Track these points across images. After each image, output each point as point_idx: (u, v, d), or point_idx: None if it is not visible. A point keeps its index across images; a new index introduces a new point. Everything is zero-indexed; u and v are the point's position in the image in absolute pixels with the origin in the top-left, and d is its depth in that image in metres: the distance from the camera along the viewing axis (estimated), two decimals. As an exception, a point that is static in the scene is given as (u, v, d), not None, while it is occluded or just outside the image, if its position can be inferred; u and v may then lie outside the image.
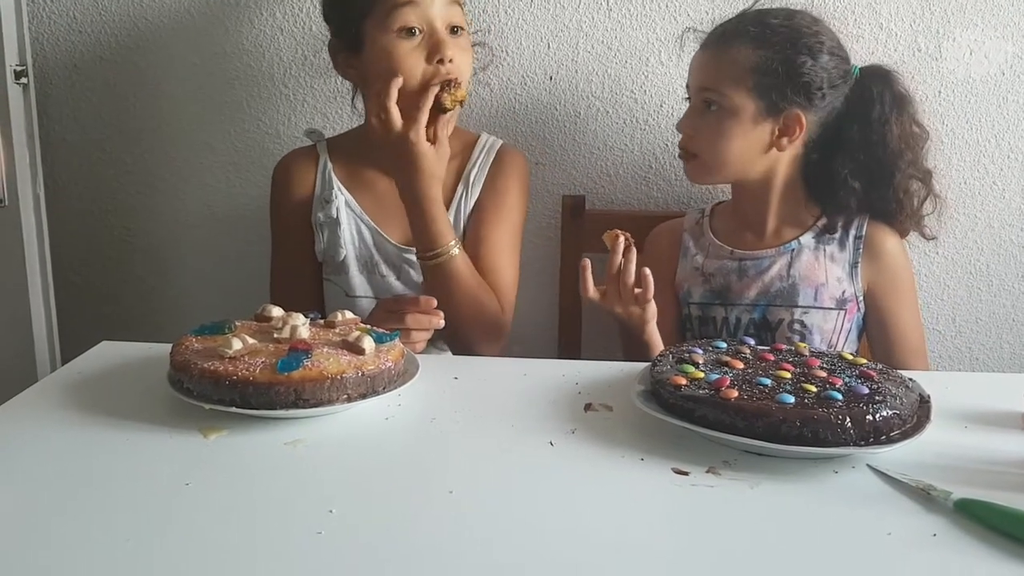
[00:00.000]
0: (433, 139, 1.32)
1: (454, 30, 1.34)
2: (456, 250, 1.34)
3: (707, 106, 1.39)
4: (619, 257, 1.27)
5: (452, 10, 1.34)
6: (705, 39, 1.43)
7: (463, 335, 1.39)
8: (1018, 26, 1.59)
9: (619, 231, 1.28)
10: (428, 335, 1.26)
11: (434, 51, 1.31)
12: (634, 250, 1.28)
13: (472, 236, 1.46)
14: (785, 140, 1.40)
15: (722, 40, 1.40)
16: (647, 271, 1.28)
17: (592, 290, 1.29)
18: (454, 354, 1.46)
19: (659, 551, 0.77)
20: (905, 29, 1.59)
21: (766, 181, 1.44)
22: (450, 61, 1.32)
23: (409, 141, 1.29)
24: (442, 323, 1.25)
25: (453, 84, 1.32)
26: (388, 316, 1.24)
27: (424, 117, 1.30)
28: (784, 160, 1.42)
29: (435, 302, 1.24)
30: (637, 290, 1.29)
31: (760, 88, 1.36)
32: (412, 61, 1.31)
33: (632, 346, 1.36)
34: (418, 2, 1.30)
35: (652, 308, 1.31)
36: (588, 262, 1.29)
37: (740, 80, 1.36)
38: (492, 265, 1.44)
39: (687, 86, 1.46)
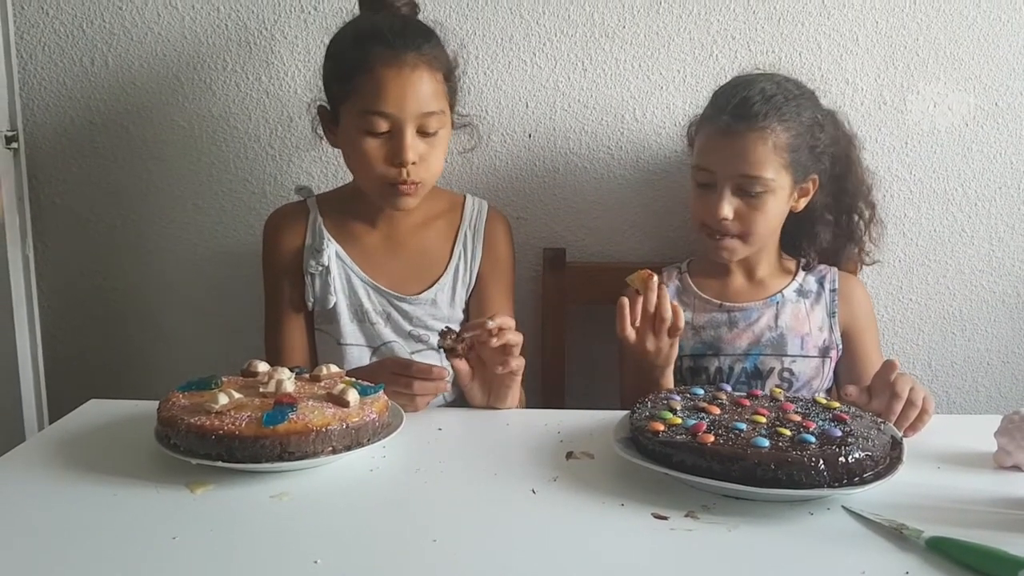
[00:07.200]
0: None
1: (425, 133, 1.38)
2: None
3: (747, 190, 1.39)
4: (655, 295, 1.28)
5: (426, 120, 1.37)
6: (726, 123, 1.38)
7: None
8: (979, 79, 1.64)
9: (649, 271, 1.30)
10: (432, 399, 1.29)
11: (395, 154, 1.36)
12: (664, 288, 1.30)
13: (478, 298, 1.52)
14: (802, 201, 1.45)
15: (751, 122, 1.37)
16: (677, 305, 1.30)
17: (630, 329, 1.28)
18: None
19: (638, 594, 0.79)
20: (870, 83, 1.65)
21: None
22: (412, 164, 1.36)
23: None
24: (448, 387, 1.29)
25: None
26: (394, 379, 1.24)
27: None
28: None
29: (447, 373, 1.25)
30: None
31: (793, 164, 1.40)
32: (373, 159, 1.37)
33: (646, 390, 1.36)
34: (389, 115, 1.35)
35: (676, 347, 1.33)
36: (627, 300, 1.29)
37: (778, 160, 1.38)
38: None
39: (697, 167, 1.43)
